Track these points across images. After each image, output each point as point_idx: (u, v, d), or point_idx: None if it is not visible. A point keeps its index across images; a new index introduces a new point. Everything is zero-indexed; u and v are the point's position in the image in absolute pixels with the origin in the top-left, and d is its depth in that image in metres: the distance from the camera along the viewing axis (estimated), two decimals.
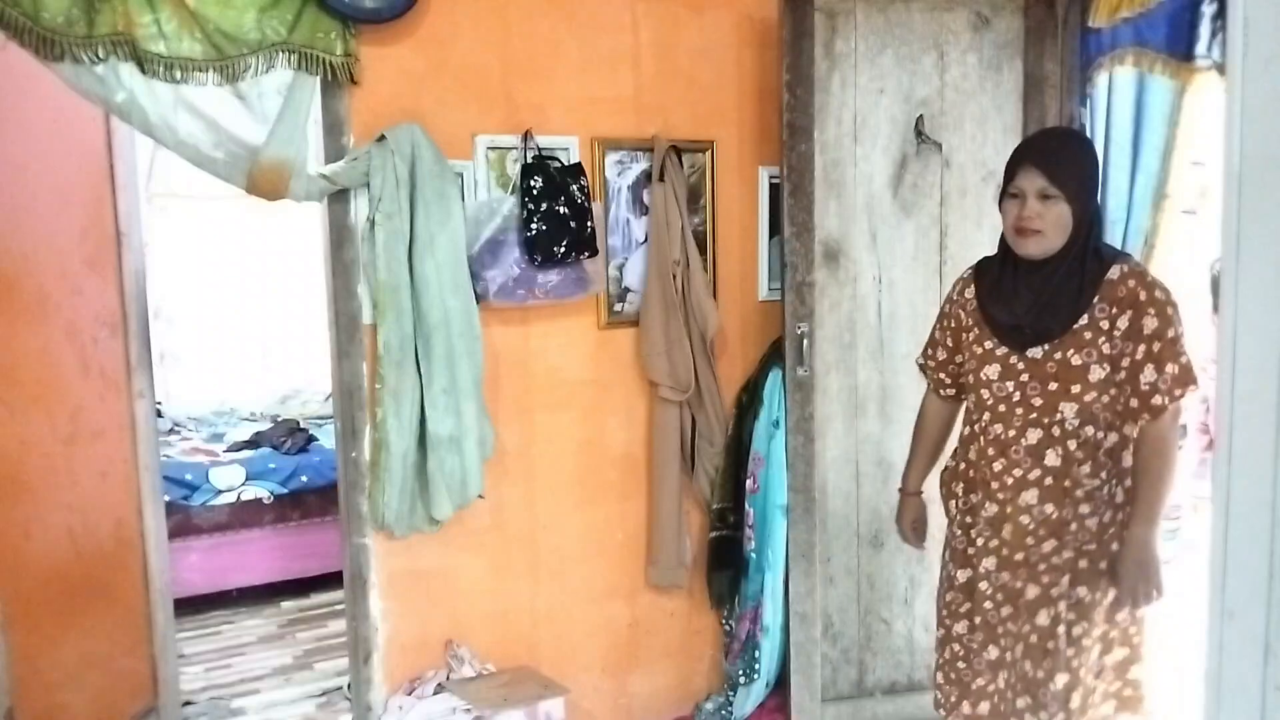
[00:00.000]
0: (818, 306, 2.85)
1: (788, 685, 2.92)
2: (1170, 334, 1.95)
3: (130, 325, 3.16)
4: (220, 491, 4.59)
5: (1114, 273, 1.99)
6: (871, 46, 2.85)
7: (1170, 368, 1.95)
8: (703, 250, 2.97)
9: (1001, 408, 2.09)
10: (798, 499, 2.87)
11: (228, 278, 5.81)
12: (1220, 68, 2.42)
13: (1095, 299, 1.98)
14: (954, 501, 2.25)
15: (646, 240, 2.90)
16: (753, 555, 2.98)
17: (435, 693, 2.64)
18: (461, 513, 2.64)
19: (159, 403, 4.29)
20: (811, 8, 2.75)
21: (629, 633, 3.04)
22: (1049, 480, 2.05)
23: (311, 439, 5.07)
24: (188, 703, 3.56)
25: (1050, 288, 2.01)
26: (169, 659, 3.33)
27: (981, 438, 2.14)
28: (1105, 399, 2.02)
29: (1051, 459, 2.05)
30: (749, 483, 2.98)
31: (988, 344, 2.12)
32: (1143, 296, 1.96)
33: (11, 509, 2.58)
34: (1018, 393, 2.07)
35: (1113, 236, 2.78)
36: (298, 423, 5.35)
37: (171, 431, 5.26)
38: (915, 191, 2.92)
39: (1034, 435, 2.05)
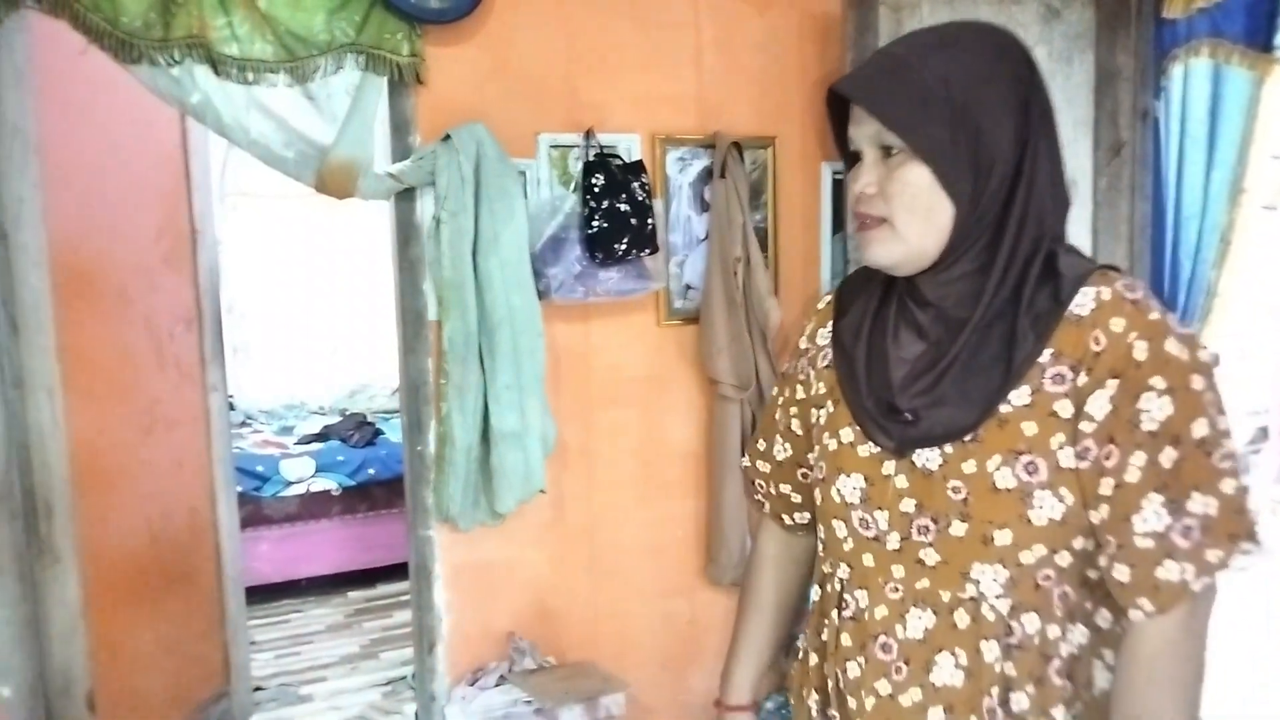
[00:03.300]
0: None
1: None
2: (1202, 430, 0.97)
3: (204, 320, 3.25)
4: (290, 483, 4.70)
5: (1084, 300, 1.01)
6: None
7: (1200, 503, 0.96)
8: (764, 247, 2.96)
9: (867, 559, 1.13)
10: None
11: (298, 274, 5.94)
12: None
13: (1047, 352, 1.02)
14: None
15: (707, 237, 2.89)
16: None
17: (497, 684, 2.67)
18: (523, 507, 2.67)
19: (231, 396, 4.40)
20: (876, 1, 2.72)
21: (689, 630, 3.05)
22: (941, 714, 1.08)
23: (378, 433, 5.17)
24: (258, 688, 3.65)
25: (956, 331, 1.06)
26: (241, 645, 3.41)
27: (835, 612, 1.18)
28: (1067, 559, 1.04)
29: (947, 672, 1.07)
30: None
31: (845, 435, 1.16)
32: (1141, 351, 0.98)
33: (92, 498, 2.66)
34: (894, 533, 1.10)
35: (1187, 234, 2.71)
36: (365, 416, 5.45)
37: (243, 424, 5.40)
38: None
39: (919, 622, 1.09)
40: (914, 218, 1.05)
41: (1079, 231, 2.75)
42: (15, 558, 2.35)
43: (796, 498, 1.33)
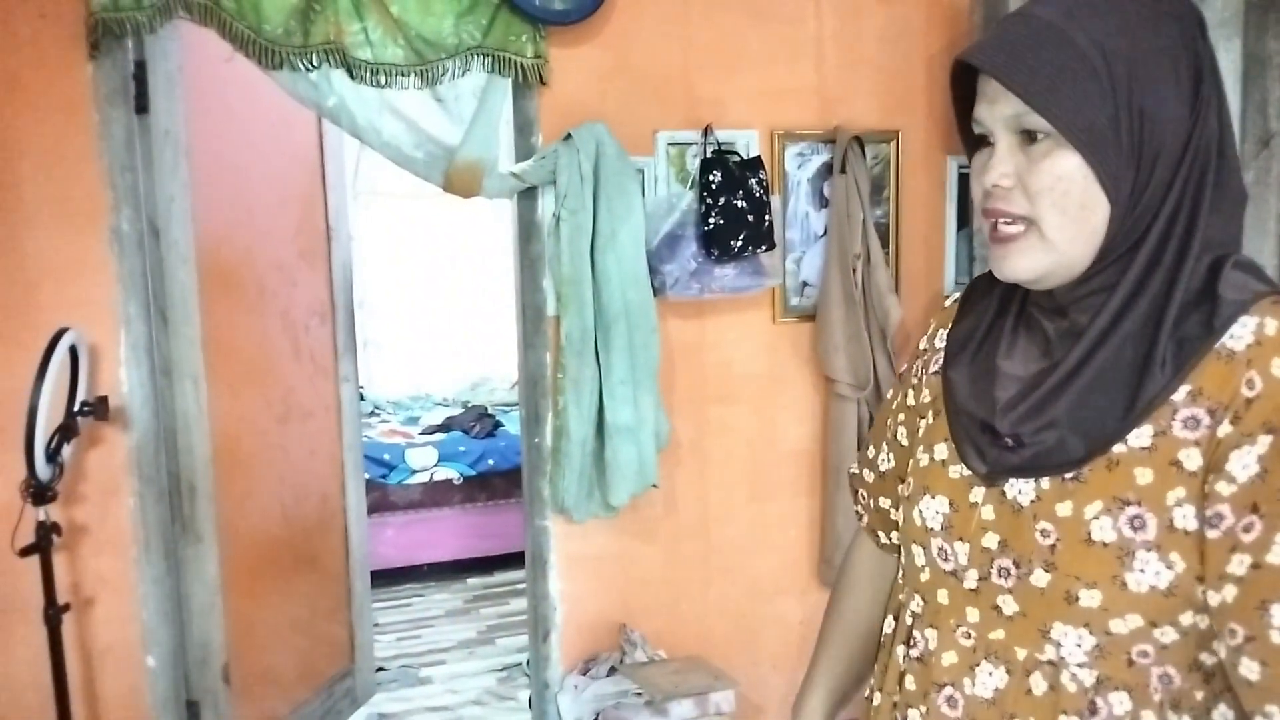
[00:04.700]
0: None
1: None
2: None
3: (337, 314, 3.37)
4: (415, 471, 4.85)
5: (1242, 332, 0.83)
6: None
7: None
8: (885, 243, 2.91)
9: (941, 595, 0.99)
10: None
11: (425, 271, 6.13)
12: None
13: (1183, 389, 0.84)
14: None
15: (826, 233, 2.86)
16: None
17: (608, 674, 2.71)
18: (636, 501, 2.69)
19: (361, 387, 4.56)
20: None
21: (800, 630, 3.02)
22: None
23: (498, 424, 5.28)
24: (381, 668, 3.78)
25: (1082, 347, 0.88)
26: (365, 627, 3.53)
27: (902, 649, 1.04)
28: (1171, 636, 0.86)
29: None
30: None
31: (939, 451, 1.02)
32: None
33: (232, 481, 2.79)
34: (972, 570, 0.96)
35: None
36: (486, 409, 5.59)
37: (372, 414, 5.60)
38: None
39: (990, 679, 0.94)
40: (1065, 219, 0.86)
41: None
42: (162, 535, 2.51)
43: (896, 514, 1.15)
